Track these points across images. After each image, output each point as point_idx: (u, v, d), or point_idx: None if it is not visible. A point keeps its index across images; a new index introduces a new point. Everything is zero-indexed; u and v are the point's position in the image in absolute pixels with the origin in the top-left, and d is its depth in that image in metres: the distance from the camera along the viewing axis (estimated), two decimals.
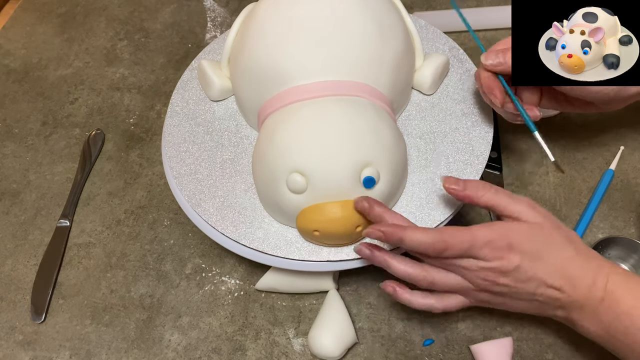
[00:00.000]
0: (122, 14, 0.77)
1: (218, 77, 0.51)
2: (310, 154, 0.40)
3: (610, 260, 0.51)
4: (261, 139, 0.44)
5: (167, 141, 0.50)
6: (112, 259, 0.55)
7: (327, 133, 0.41)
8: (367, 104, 0.43)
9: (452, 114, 0.50)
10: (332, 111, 0.42)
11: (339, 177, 0.40)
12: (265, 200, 0.45)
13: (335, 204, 0.40)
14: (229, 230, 0.45)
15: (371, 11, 0.46)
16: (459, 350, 0.48)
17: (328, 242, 0.43)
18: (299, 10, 0.45)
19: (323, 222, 0.40)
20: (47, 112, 0.67)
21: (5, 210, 0.59)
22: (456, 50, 0.55)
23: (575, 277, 0.37)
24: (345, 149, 0.40)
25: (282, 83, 0.44)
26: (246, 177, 0.48)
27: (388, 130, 0.43)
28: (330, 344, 0.45)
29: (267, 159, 0.42)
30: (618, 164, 0.56)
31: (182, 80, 0.54)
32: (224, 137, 0.50)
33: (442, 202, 0.45)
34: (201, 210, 0.46)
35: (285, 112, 0.43)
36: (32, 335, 0.51)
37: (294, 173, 0.40)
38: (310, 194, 0.41)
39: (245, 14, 0.51)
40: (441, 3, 0.74)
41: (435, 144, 0.49)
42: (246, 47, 0.47)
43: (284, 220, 0.45)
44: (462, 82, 0.52)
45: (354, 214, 0.40)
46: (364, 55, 0.45)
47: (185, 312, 0.51)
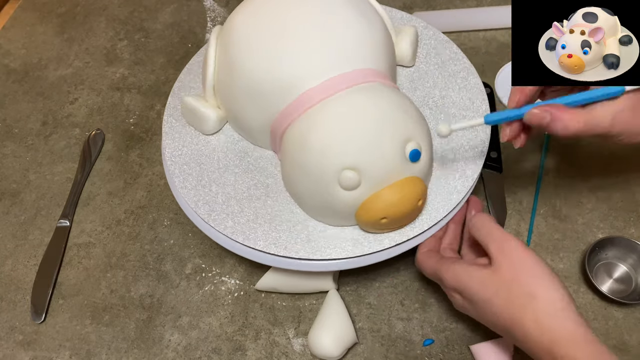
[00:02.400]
0: (122, 14, 0.77)
1: (210, 109, 0.49)
2: (356, 147, 0.40)
3: (609, 260, 0.51)
4: (291, 150, 0.43)
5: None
6: (112, 259, 0.55)
7: (364, 123, 0.41)
8: (381, 86, 0.44)
9: (439, 78, 0.53)
10: (359, 101, 0.42)
11: (389, 160, 0.41)
12: (314, 209, 0.45)
13: (393, 186, 0.41)
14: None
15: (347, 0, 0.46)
16: (459, 350, 0.48)
17: (394, 225, 0.43)
18: (282, 16, 0.44)
19: (389, 208, 0.41)
20: (47, 112, 0.67)
21: (5, 210, 0.59)
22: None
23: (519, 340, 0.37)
24: (386, 132, 0.41)
25: (289, 92, 0.43)
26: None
27: (410, 105, 0.44)
28: (330, 344, 0.45)
29: (309, 167, 0.42)
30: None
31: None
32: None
33: (469, 158, 0.47)
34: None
35: (309, 117, 0.42)
36: (32, 335, 0.51)
37: (345, 170, 0.40)
38: (365, 186, 0.41)
39: (215, 38, 0.48)
40: (441, 3, 0.74)
41: (438, 107, 0.51)
42: (235, 69, 0.45)
43: (339, 221, 0.44)
44: (433, 48, 0.55)
45: (413, 189, 0.41)
46: (359, 42, 0.45)
47: (185, 312, 0.51)
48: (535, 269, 0.37)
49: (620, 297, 0.48)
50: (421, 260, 0.45)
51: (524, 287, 0.37)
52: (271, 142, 0.47)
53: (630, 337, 0.48)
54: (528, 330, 0.36)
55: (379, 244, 0.44)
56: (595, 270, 0.51)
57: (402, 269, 0.52)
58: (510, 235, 0.39)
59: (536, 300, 0.36)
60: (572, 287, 0.50)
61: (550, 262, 0.52)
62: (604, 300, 0.49)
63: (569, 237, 0.53)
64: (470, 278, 0.39)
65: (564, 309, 0.36)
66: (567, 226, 0.54)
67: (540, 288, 0.36)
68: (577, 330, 0.35)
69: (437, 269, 0.43)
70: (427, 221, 0.44)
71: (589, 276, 0.49)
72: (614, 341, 0.47)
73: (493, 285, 0.38)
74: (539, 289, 0.36)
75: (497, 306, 0.38)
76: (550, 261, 0.52)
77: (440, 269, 0.42)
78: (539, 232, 0.53)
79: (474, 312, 0.41)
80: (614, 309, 0.49)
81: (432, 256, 0.44)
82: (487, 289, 0.38)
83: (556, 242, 0.53)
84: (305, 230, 0.45)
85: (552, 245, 0.53)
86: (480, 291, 0.39)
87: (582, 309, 0.49)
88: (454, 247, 0.47)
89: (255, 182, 0.48)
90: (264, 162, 0.49)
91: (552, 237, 0.53)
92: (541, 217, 0.54)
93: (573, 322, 0.35)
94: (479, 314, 0.40)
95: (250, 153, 0.50)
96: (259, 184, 0.48)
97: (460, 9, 0.72)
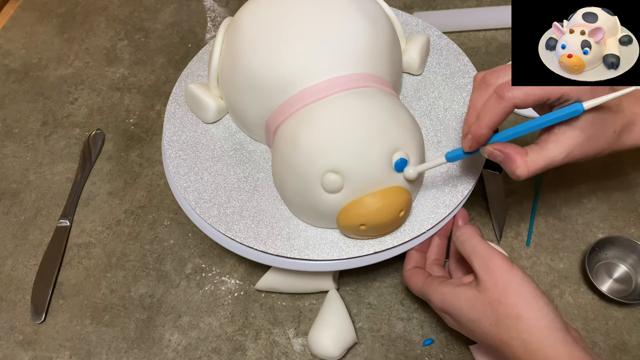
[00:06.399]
0: (122, 14, 0.77)
1: (212, 99, 0.50)
2: (342, 151, 0.40)
3: (609, 260, 0.51)
4: (282, 147, 0.44)
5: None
6: (112, 259, 0.55)
7: (353, 127, 0.41)
8: (378, 92, 0.43)
9: (445, 89, 0.52)
10: (351, 105, 0.42)
11: (374, 167, 0.40)
12: (299, 208, 0.45)
13: (376, 194, 0.40)
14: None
15: (356, 2, 0.46)
16: (459, 350, 0.48)
17: (373, 233, 0.43)
18: (288, 14, 0.44)
19: (368, 215, 0.40)
20: (47, 112, 0.67)
21: (5, 210, 0.59)
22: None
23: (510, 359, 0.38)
24: (374, 139, 0.41)
25: (288, 89, 0.44)
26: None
27: (405, 113, 0.44)
28: (330, 344, 0.45)
29: (295, 165, 0.42)
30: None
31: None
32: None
33: (463, 173, 0.47)
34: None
35: (301, 116, 0.43)
36: (32, 335, 0.51)
37: (328, 173, 0.40)
38: (347, 191, 0.41)
39: (223, 30, 0.49)
40: (441, 3, 0.74)
41: (439, 119, 0.50)
42: (239, 62, 0.46)
43: (321, 223, 0.44)
44: (445, 58, 0.54)
45: (395, 200, 0.41)
46: (362, 46, 0.44)
47: (185, 312, 0.51)
48: (520, 288, 0.37)
49: (620, 297, 0.48)
50: (407, 277, 0.45)
51: (510, 308, 0.37)
52: (266, 137, 0.48)
53: (630, 337, 0.48)
54: (516, 351, 0.36)
55: (358, 250, 0.44)
56: (595, 270, 0.51)
57: (402, 269, 0.52)
58: (495, 251, 0.39)
59: (522, 322, 0.36)
60: (572, 287, 0.50)
61: (550, 262, 0.52)
62: (604, 300, 0.49)
63: (569, 237, 0.53)
64: (458, 300, 0.40)
65: (550, 327, 0.36)
66: (567, 226, 0.54)
67: (525, 309, 0.36)
68: (563, 350, 0.35)
69: (424, 290, 0.43)
70: (410, 232, 0.44)
71: (589, 276, 0.49)
72: (614, 341, 0.47)
73: (480, 306, 0.38)
74: (523, 310, 0.36)
75: (485, 327, 0.38)
76: (551, 261, 0.52)
77: (427, 291, 0.42)
78: (539, 232, 0.53)
79: (464, 331, 0.41)
80: (614, 309, 0.49)
81: (418, 274, 0.44)
82: (475, 309, 0.38)
83: (556, 242, 0.53)
84: (287, 228, 0.45)
85: (552, 245, 0.53)
86: (467, 313, 0.39)
87: (582, 309, 0.49)
88: (440, 262, 0.47)
89: (246, 175, 0.48)
90: (258, 156, 0.49)
91: (552, 237, 0.53)
92: (541, 217, 0.54)
93: (560, 341, 0.35)
94: (469, 333, 0.41)
95: (246, 146, 0.50)
96: (250, 177, 0.48)
97: (460, 9, 0.72)
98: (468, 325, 0.39)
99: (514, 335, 0.36)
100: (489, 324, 0.37)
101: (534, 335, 0.36)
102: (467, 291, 0.39)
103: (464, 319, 0.39)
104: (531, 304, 0.37)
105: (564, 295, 0.50)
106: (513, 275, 0.38)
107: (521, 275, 0.38)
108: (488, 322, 0.38)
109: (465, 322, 0.39)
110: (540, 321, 0.36)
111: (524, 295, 0.37)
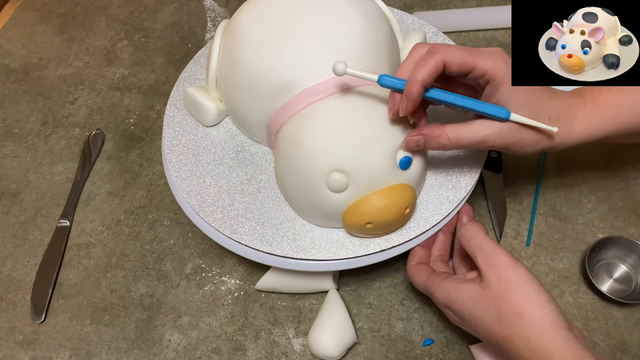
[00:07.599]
0: (122, 14, 0.77)
1: (211, 102, 0.49)
2: (347, 150, 0.40)
3: (609, 260, 0.51)
4: (284, 148, 0.44)
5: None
6: (112, 259, 0.55)
7: (358, 127, 0.41)
8: (377, 91, 0.43)
9: None
10: (353, 104, 0.42)
11: (379, 166, 0.41)
12: (303, 209, 0.45)
13: (381, 192, 0.41)
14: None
15: (354, 1, 0.46)
16: (459, 350, 0.48)
17: (379, 231, 0.43)
18: (286, 14, 0.44)
19: (374, 214, 0.40)
20: (47, 112, 0.67)
21: (5, 210, 0.59)
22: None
23: (512, 356, 0.38)
24: (377, 137, 0.41)
25: (288, 90, 0.44)
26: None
27: None
28: (330, 344, 0.45)
29: (299, 166, 0.42)
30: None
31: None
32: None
33: (465, 169, 0.47)
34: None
35: (303, 117, 0.43)
36: (32, 335, 0.51)
37: (334, 173, 0.40)
38: (352, 189, 0.41)
39: (221, 33, 0.49)
40: (441, 3, 0.74)
41: (435, 116, 0.50)
42: (238, 64, 0.45)
43: (326, 223, 0.44)
44: None
45: (400, 197, 0.41)
46: (361, 45, 0.44)
47: (185, 312, 0.51)
48: (524, 286, 0.37)
49: (620, 297, 0.48)
50: (411, 273, 0.45)
51: (513, 306, 0.37)
52: (267, 138, 0.48)
53: (630, 337, 0.48)
54: (519, 348, 0.36)
55: (364, 249, 0.44)
56: (595, 270, 0.51)
57: (402, 269, 0.52)
58: (500, 248, 0.39)
59: (525, 319, 0.36)
60: (572, 287, 0.50)
61: (550, 262, 0.52)
62: (604, 300, 0.49)
63: (569, 237, 0.53)
64: (461, 296, 0.40)
65: (553, 325, 0.36)
66: (567, 226, 0.54)
67: (528, 306, 0.36)
68: (566, 347, 0.35)
69: (428, 285, 0.43)
70: (415, 229, 0.44)
71: (589, 276, 0.49)
72: (614, 341, 0.47)
73: (483, 302, 0.38)
74: (527, 307, 0.36)
75: (487, 323, 0.38)
76: (550, 261, 0.52)
77: (431, 286, 0.42)
78: (539, 232, 0.53)
79: (466, 327, 0.41)
80: (614, 309, 0.49)
81: (422, 270, 0.44)
82: (478, 306, 0.38)
83: (556, 242, 0.53)
84: (292, 229, 0.45)
85: (552, 245, 0.53)
86: (470, 309, 0.39)
87: (582, 309, 0.49)
88: (444, 258, 0.47)
89: (248, 177, 0.48)
90: (260, 158, 0.49)
91: (552, 237, 0.53)
92: (541, 217, 0.54)
93: (562, 339, 0.35)
94: (472, 329, 0.41)
95: (247, 148, 0.50)
96: (252, 179, 0.48)
97: (460, 9, 0.72)
98: (471, 321, 0.39)
99: (517, 332, 0.36)
100: (492, 320, 0.37)
101: (536, 333, 0.36)
102: (471, 287, 0.39)
103: (467, 315, 0.39)
104: (534, 301, 0.37)
105: (564, 295, 0.50)
106: (517, 273, 0.38)
107: (525, 272, 0.38)
108: (491, 319, 0.38)
109: (468, 318, 0.39)
110: (543, 319, 0.36)
111: (527, 293, 0.37)
